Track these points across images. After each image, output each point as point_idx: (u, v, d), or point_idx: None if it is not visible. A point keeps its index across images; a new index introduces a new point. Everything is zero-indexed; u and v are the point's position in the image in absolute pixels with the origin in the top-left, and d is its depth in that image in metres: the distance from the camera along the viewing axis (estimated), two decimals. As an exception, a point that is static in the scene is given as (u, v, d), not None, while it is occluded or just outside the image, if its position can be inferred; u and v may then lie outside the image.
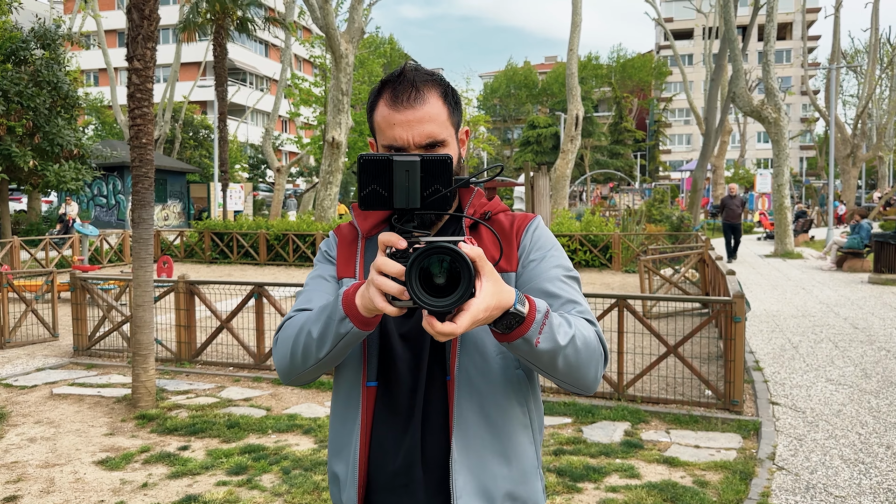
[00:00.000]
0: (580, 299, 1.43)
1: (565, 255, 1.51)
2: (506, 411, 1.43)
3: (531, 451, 1.47)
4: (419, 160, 1.26)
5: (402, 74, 1.43)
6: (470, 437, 1.40)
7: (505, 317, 1.21)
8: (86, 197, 27.67)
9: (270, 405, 5.95)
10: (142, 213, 5.85)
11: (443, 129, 1.42)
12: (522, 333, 1.22)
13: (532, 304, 1.25)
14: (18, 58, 16.71)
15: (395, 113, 1.39)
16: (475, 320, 1.16)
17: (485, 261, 1.18)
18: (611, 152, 55.76)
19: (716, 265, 8.93)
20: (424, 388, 1.42)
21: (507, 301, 1.20)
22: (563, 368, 1.30)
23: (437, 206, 1.29)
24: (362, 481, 1.44)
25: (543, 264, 1.45)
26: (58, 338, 8.75)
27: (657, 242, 16.90)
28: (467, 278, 1.14)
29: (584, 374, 1.34)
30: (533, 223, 1.53)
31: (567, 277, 1.46)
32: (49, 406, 6.00)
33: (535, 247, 1.48)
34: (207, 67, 46.46)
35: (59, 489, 4.28)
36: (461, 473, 1.38)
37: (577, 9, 21.96)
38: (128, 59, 5.88)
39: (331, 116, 18.92)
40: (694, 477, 4.38)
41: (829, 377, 6.78)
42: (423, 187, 1.27)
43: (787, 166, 19.97)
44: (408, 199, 1.27)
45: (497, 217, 1.53)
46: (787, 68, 67.08)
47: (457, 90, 1.52)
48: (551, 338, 1.25)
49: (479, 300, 1.16)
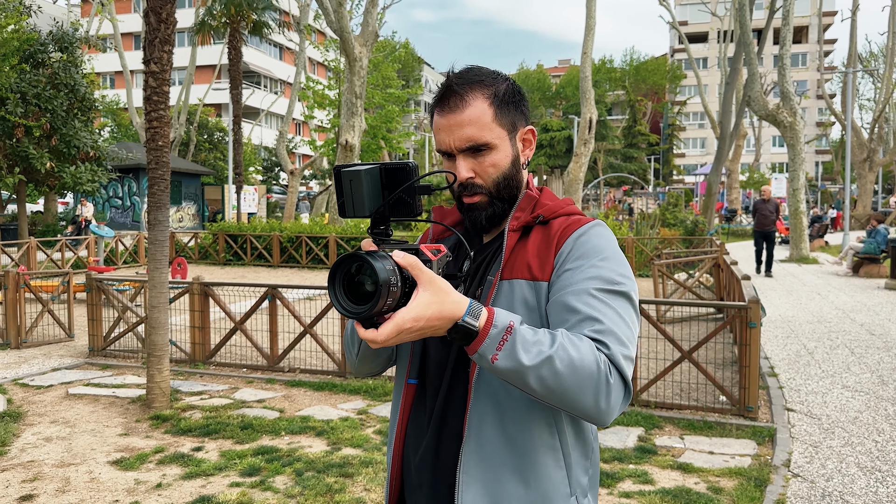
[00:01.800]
0: (607, 317, 1.26)
1: (620, 267, 1.34)
2: (528, 428, 1.34)
3: (559, 476, 1.36)
4: (364, 170, 1.26)
5: (446, 80, 1.42)
6: (487, 451, 1.35)
7: (455, 329, 1.18)
8: (101, 198, 27.91)
9: (283, 407, 5.97)
10: (157, 215, 5.89)
11: (485, 132, 1.38)
12: (476, 349, 1.18)
13: (490, 318, 1.18)
14: (36, 60, 16.89)
15: (440, 118, 1.41)
16: (401, 330, 1.15)
17: (421, 270, 1.16)
18: (624, 156, 55.60)
19: (731, 270, 8.88)
20: (447, 391, 1.41)
21: (452, 312, 1.17)
22: (542, 391, 1.19)
23: (400, 214, 1.28)
24: (395, 472, 1.48)
25: (578, 274, 1.31)
26: (73, 338, 8.83)
27: (671, 246, 16.82)
28: (379, 286, 1.12)
29: (576, 400, 1.19)
30: (583, 228, 1.38)
31: (602, 291, 1.29)
32: (65, 406, 6.05)
33: (577, 254, 1.34)
34: (222, 70, 46.79)
35: (75, 489, 4.31)
36: (472, 486, 1.34)
37: (591, 12, 21.91)
38: (145, 62, 5.92)
39: (344, 119, 18.98)
40: (708, 483, 4.35)
41: (846, 384, 6.72)
42: (388, 195, 1.27)
43: (802, 171, 19.84)
44: (354, 208, 1.27)
45: (553, 221, 1.41)
46: (803, 72, 66.64)
47: (513, 89, 1.44)
48: (512, 355, 1.16)
49: (406, 310, 1.15)
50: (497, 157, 1.40)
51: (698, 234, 20.18)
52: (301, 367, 7.15)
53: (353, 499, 4.10)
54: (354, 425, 5.43)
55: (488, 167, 1.40)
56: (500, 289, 1.38)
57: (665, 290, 10.80)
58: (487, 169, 1.40)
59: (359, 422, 5.54)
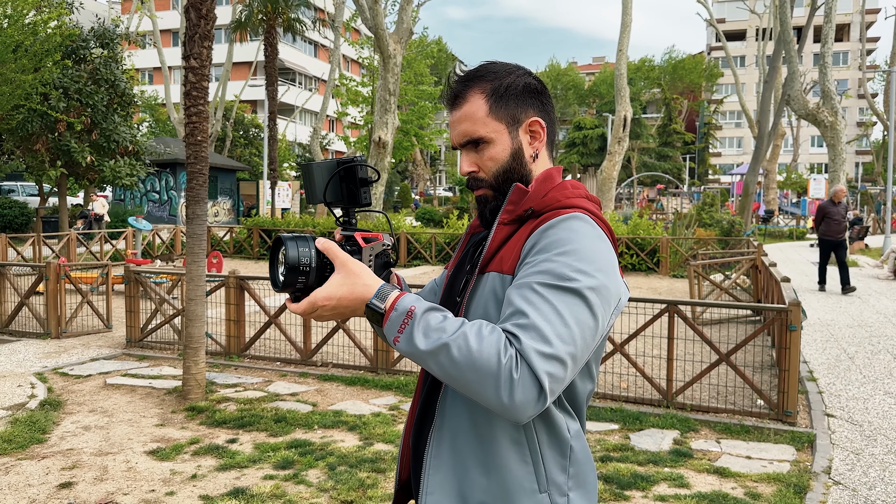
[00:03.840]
0: (538, 312, 1.19)
1: (580, 262, 1.25)
2: (491, 418, 1.34)
3: (522, 471, 1.33)
4: (312, 165, 1.44)
5: (447, 78, 1.49)
6: (457, 437, 1.37)
7: (366, 310, 1.28)
8: (139, 192, 28.38)
9: (316, 401, 6.00)
10: (196, 210, 5.95)
11: (479, 127, 1.41)
12: (382, 329, 1.26)
13: (394, 301, 1.25)
14: (78, 56, 17.20)
15: (448, 116, 1.48)
16: (315, 306, 1.29)
17: (336, 253, 1.30)
18: (659, 154, 54.95)
19: (769, 271, 8.71)
20: (431, 376, 1.47)
21: (362, 293, 1.28)
22: (444, 378, 1.20)
23: (350, 202, 1.44)
24: (405, 449, 1.55)
25: (530, 268, 1.27)
26: (111, 329, 8.98)
27: (707, 247, 16.57)
28: (285, 265, 1.29)
29: (476, 391, 1.16)
30: (554, 220, 1.32)
31: (545, 286, 1.22)
32: (102, 396, 6.15)
33: (539, 248, 1.29)
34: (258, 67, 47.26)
35: (112, 477, 4.38)
36: (440, 470, 1.38)
37: (626, 9, 21.68)
38: (184, 57, 5.99)
39: (378, 116, 19.04)
40: (745, 489, 4.27)
41: (888, 390, 6.55)
42: (342, 187, 1.44)
43: (842, 171, 19.42)
44: (308, 197, 1.46)
45: (545, 215, 1.36)
46: (844, 71, 65.22)
47: (522, 82, 1.43)
48: (409, 339, 1.21)
49: (320, 289, 1.29)
50: (494, 150, 1.42)
51: (735, 234, 19.85)
52: (333, 362, 7.19)
53: (386, 494, 4.10)
54: (386, 421, 5.44)
55: (487, 161, 1.43)
56: (478, 282, 1.40)
57: (700, 291, 10.64)
58: (486, 163, 1.43)
59: (390, 417, 5.54)
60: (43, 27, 13.91)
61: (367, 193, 1.44)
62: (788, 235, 29.69)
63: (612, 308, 1.30)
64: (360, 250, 1.39)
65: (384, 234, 1.45)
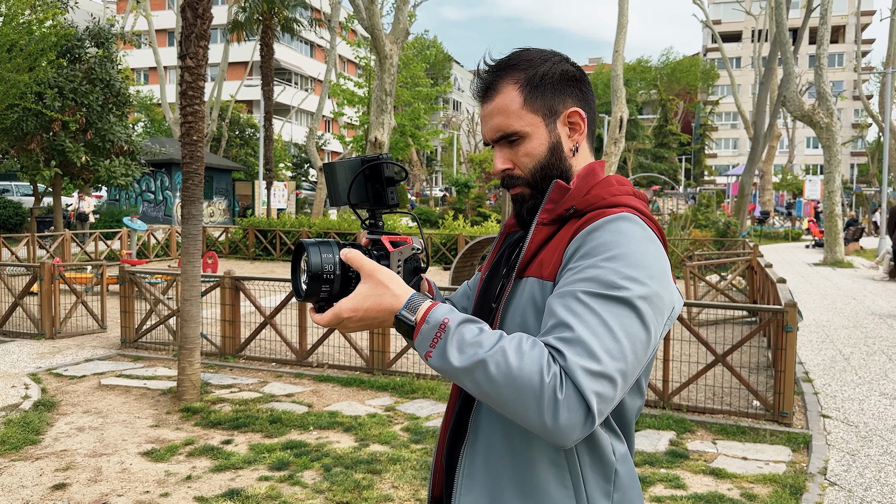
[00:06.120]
0: (585, 325, 1.09)
1: (630, 269, 1.15)
2: (529, 437, 1.22)
3: (562, 495, 1.22)
4: (335, 164, 1.34)
5: (477, 67, 1.36)
6: (491, 456, 1.26)
7: (396, 322, 1.19)
8: (134, 192, 28.32)
9: (312, 402, 5.98)
10: (191, 209, 5.93)
11: (512, 121, 1.29)
12: (413, 343, 1.16)
13: (425, 313, 1.14)
14: (73, 55, 17.14)
15: (479, 109, 1.37)
16: (340, 318, 1.20)
17: (362, 263, 1.20)
18: (655, 155, 55.05)
19: (765, 272, 8.72)
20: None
21: (391, 305, 1.18)
22: (482, 397, 1.10)
23: (377, 203, 1.33)
24: (437, 465, 1.44)
25: (574, 275, 1.16)
26: (106, 330, 8.95)
27: (703, 248, 16.59)
28: (308, 273, 1.21)
29: (517, 412, 1.07)
30: (599, 222, 1.21)
31: (591, 295, 1.12)
32: (97, 396, 6.12)
33: (582, 253, 1.18)
34: (254, 67, 47.18)
35: (106, 478, 4.36)
36: (472, 490, 1.27)
37: (623, 10, 21.69)
38: (180, 56, 5.97)
39: (374, 116, 19.02)
40: (742, 490, 4.27)
41: (883, 391, 6.56)
42: (367, 187, 1.33)
43: (838, 173, 19.46)
44: (332, 199, 1.37)
45: (590, 216, 1.25)
46: (840, 72, 65.38)
47: (559, 69, 1.32)
48: (442, 354, 1.10)
49: (346, 300, 1.20)
50: (531, 145, 1.30)
51: (730, 235, 19.87)
52: (329, 363, 7.17)
53: (382, 495, 4.09)
54: (382, 422, 5.43)
55: (522, 157, 1.31)
56: (515, 287, 1.29)
57: (696, 292, 10.65)
58: (522, 159, 1.31)
59: (386, 418, 5.53)
60: (38, 26, 13.86)
61: (395, 193, 1.33)
62: (784, 236, 29.78)
63: (665, 318, 1.19)
64: (388, 255, 1.29)
65: (413, 238, 1.34)
